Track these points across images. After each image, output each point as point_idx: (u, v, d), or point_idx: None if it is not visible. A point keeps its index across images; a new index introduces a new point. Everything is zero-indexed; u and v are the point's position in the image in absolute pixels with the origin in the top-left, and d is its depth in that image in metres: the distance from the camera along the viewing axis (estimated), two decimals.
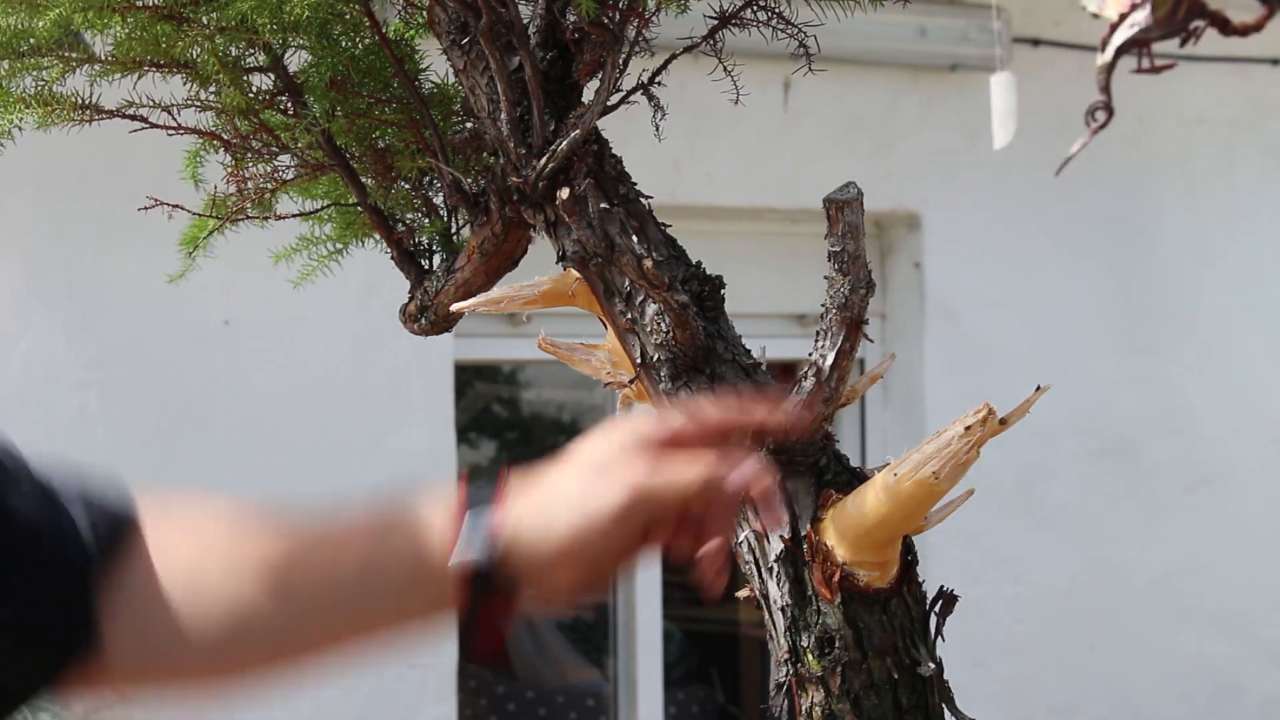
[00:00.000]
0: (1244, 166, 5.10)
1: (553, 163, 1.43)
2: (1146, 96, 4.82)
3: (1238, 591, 5.00)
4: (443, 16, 1.47)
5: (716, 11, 1.47)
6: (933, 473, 1.31)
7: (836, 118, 4.62)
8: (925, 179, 4.71)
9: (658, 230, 1.46)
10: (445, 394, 4.23)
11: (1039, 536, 4.80)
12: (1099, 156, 4.85)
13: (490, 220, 1.53)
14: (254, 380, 4.03)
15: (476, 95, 1.48)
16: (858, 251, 1.34)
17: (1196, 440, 4.99)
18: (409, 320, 1.68)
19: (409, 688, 4.13)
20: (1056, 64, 4.63)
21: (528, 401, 6.43)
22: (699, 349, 1.42)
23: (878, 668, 1.38)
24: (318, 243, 1.70)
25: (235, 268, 3.21)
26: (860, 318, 1.36)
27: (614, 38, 1.42)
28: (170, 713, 1.18)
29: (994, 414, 1.31)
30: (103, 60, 1.51)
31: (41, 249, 3.88)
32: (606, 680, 5.02)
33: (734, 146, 4.49)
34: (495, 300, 1.52)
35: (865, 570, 1.37)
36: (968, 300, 4.78)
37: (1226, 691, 5.00)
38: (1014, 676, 4.75)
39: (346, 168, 1.60)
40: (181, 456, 3.96)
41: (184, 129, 1.59)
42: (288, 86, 1.58)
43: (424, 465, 4.16)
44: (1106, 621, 4.87)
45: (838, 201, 1.33)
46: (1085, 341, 4.89)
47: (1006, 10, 4.62)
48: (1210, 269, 5.03)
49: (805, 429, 1.31)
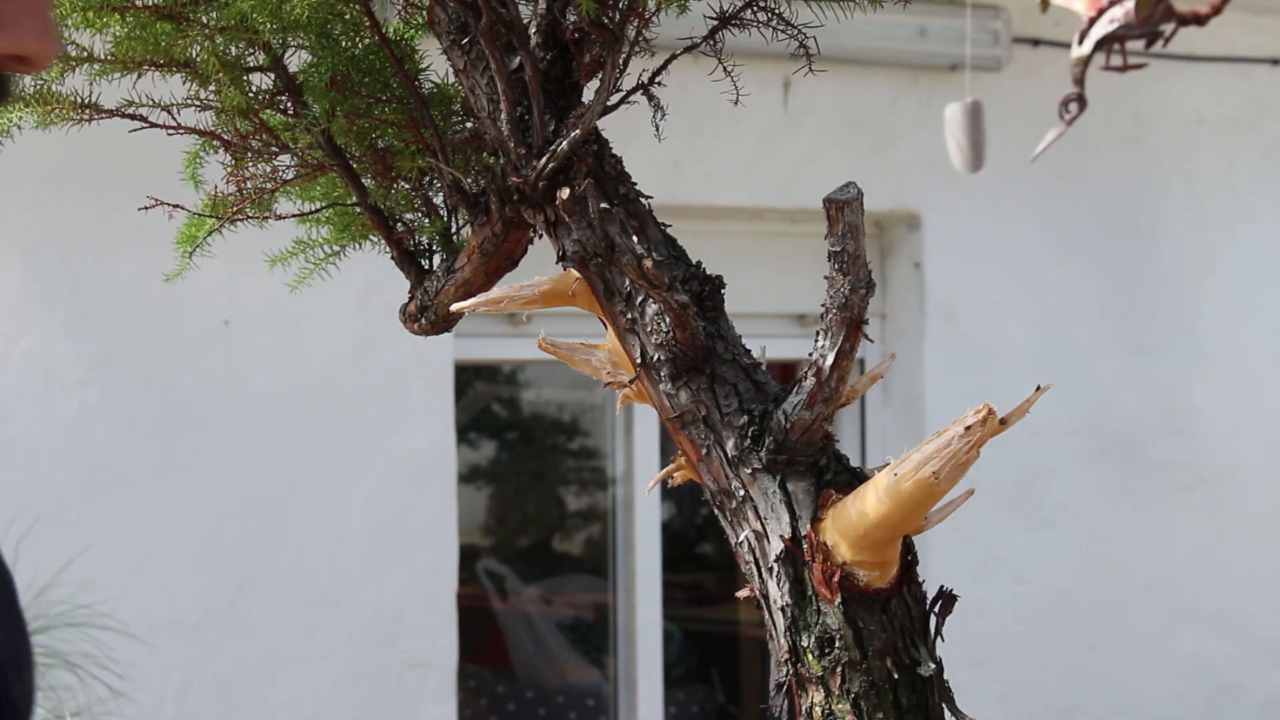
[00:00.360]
0: (1244, 166, 5.10)
1: (553, 163, 1.43)
2: (1146, 96, 4.82)
3: (1238, 591, 5.00)
4: (443, 16, 1.47)
5: (716, 12, 1.47)
6: (933, 473, 1.31)
7: (836, 118, 4.62)
8: (925, 179, 4.71)
9: (658, 230, 1.46)
10: (445, 394, 4.23)
11: (1039, 536, 4.81)
12: (1099, 156, 4.86)
13: (490, 220, 1.53)
14: (254, 380, 4.03)
15: (476, 95, 1.48)
16: (858, 251, 1.34)
17: (1196, 440, 4.99)
18: (409, 320, 1.68)
19: (409, 688, 4.13)
20: (1056, 64, 4.63)
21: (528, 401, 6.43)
22: (699, 349, 1.42)
23: (878, 668, 1.38)
24: (314, 246, 1.70)
25: (235, 268, 3.21)
26: (860, 318, 1.36)
27: (614, 38, 1.42)
28: None
29: (994, 414, 1.31)
30: (102, 59, 1.51)
31: (41, 249, 3.88)
32: (606, 680, 5.02)
33: (734, 146, 4.49)
34: (495, 300, 1.52)
35: (865, 570, 1.37)
36: (968, 300, 4.78)
37: (1226, 691, 5.00)
38: (1014, 676, 4.75)
39: (346, 168, 1.60)
40: (181, 456, 3.96)
41: (184, 128, 1.59)
42: (288, 86, 1.58)
43: (424, 465, 4.16)
44: (1106, 621, 4.88)
45: (838, 201, 1.33)
46: (1085, 341, 4.89)
47: (1006, 10, 4.62)
48: (1210, 269, 5.03)
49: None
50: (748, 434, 1.41)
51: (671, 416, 1.44)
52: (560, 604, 5.67)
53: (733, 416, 1.42)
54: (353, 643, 4.09)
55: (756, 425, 1.41)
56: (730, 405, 1.42)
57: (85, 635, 3.47)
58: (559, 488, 6.32)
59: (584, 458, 6.25)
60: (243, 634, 3.98)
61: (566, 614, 5.63)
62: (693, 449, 1.44)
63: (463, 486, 4.53)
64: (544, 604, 5.68)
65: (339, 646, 4.08)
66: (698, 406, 1.43)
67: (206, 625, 3.95)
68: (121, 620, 3.57)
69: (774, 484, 1.40)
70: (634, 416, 4.64)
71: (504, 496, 6.23)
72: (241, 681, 3.98)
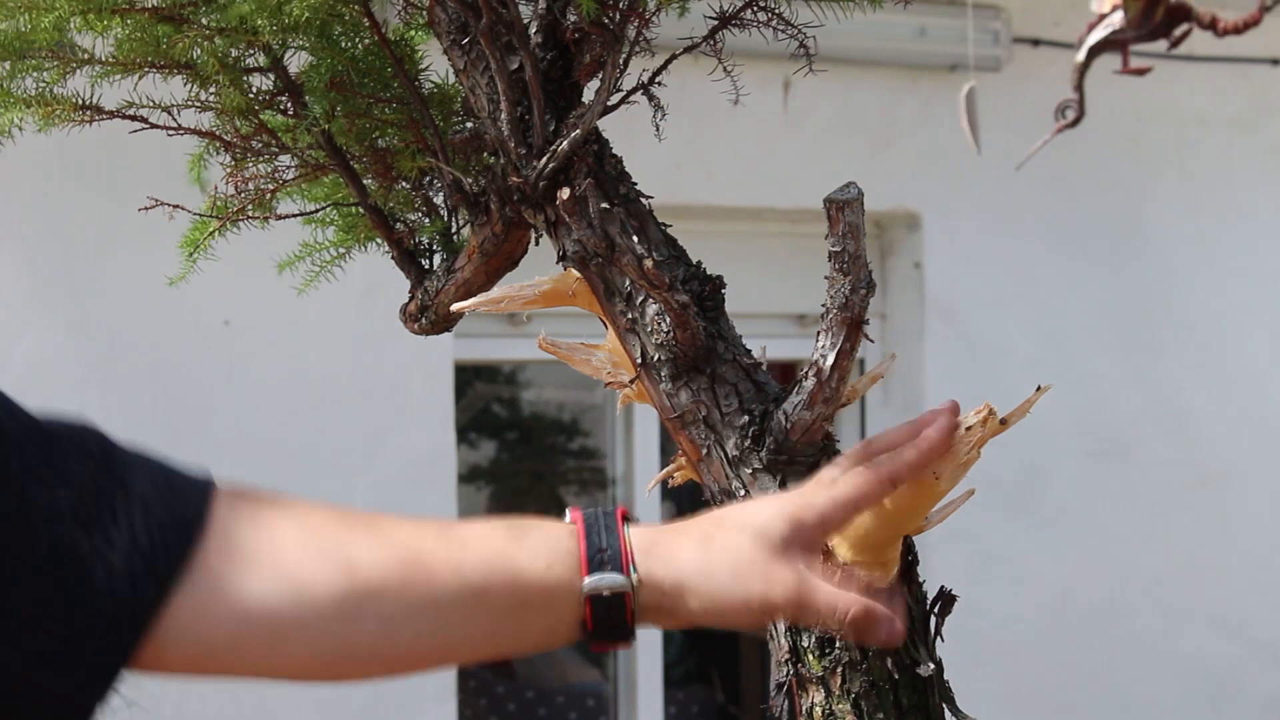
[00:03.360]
0: (1244, 166, 5.10)
1: (553, 163, 1.43)
2: (1146, 96, 4.82)
3: (1238, 591, 5.00)
4: (443, 16, 1.47)
5: (716, 12, 1.47)
6: (933, 473, 1.31)
7: (836, 118, 4.62)
8: (925, 179, 4.72)
9: (658, 230, 1.46)
10: (445, 394, 4.23)
11: (1039, 536, 4.81)
12: (1099, 156, 4.86)
13: (490, 220, 1.53)
14: (254, 380, 4.03)
15: (477, 95, 1.48)
16: (858, 251, 1.34)
17: (1196, 440, 4.99)
18: (409, 320, 1.68)
19: (409, 688, 4.13)
20: (1056, 64, 4.62)
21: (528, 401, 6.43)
22: (699, 349, 1.42)
23: (878, 668, 1.38)
24: (320, 248, 1.70)
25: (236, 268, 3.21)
26: (861, 318, 1.36)
27: (614, 38, 1.42)
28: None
29: (994, 414, 1.31)
30: (103, 61, 1.51)
31: (41, 249, 3.88)
32: (606, 680, 5.03)
33: (734, 146, 4.49)
34: (495, 300, 1.52)
35: (866, 570, 1.37)
36: (968, 300, 4.78)
37: (1226, 691, 5.00)
38: (1014, 676, 4.75)
39: (347, 168, 1.60)
40: (181, 456, 3.96)
41: (184, 129, 1.59)
42: (288, 87, 1.58)
43: (424, 465, 4.16)
44: (1106, 621, 4.88)
45: (838, 201, 1.33)
46: (1085, 341, 4.89)
47: (1006, 10, 4.62)
48: (1210, 269, 5.03)
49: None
50: (748, 434, 1.41)
51: (672, 416, 1.44)
52: None
53: (733, 417, 1.42)
54: None
55: (757, 425, 1.41)
56: (731, 405, 1.42)
57: None
58: (559, 488, 6.32)
59: (584, 458, 6.25)
60: None
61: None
62: (693, 449, 1.44)
63: (463, 486, 4.53)
64: None
65: None
66: (698, 406, 1.43)
67: None
68: None
69: (774, 484, 1.40)
70: (634, 416, 4.64)
71: (504, 496, 6.23)
72: (241, 681, 3.98)
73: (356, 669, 1.04)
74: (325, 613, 1.00)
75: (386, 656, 1.02)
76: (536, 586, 1.04)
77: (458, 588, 1.02)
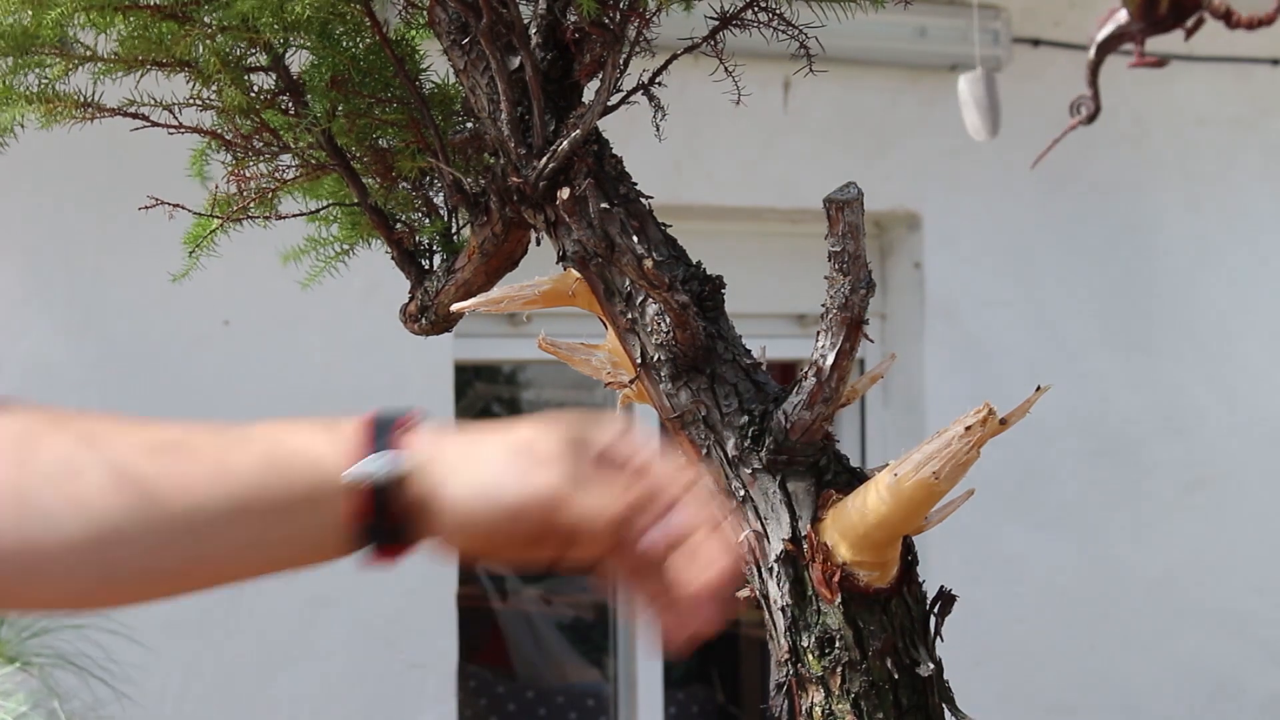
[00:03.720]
0: (1244, 166, 5.10)
1: (553, 163, 1.43)
2: (1146, 96, 4.82)
3: (1238, 591, 5.00)
4: (443, 16, 1.47)
5: (717, 12, 1.47)
6: (933, 473, 1.31)
7: (836, 118, 4.62)
8: (925, 179, 4.71)
9: (658, 230, 1.47)
10: (445, 394, 4.23)
11: (1039, 536, 4.81)
12: (1099, 156, 4.86)
13: (490, 220, 1.54)
14: (254, 380, 4.03)
15: (477, 95, 1.48)
16: (858, 251, 1.34)
17: (1196, 440, 4.99)
18: (409, 320, 1.68)
19: (409, 688, 4.13)
20: (1056, 64, 4.63)
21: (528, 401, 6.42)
22: (699, 349, 1.42)
23: (878, 668, 1.38)
24: (325, 244, 1.70)
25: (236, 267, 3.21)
26: (860, 318, 1.36)
27: (614, 38, 1.42)
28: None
29: (994, 414, 1.31)
30: (105, 59, 1.51)
31: (41, 249, 3.88)
32: (606, 680, 5.02)
33: (734, 146, 4.49)
34: (495, 300, 1.52)
35: (865, 570, 1.37)
36: (968, 300, 4.78)
37: (1226, 691, 5.00)
38: (1014, 676, 4.75)
39: (347, 168, 1.60)
40: None
41: (185, 128, 1.59)
42: (289, 86, 1.58)
43: None
44: (1106, 621, 4.88)
45: (838, 201, 1.33)
46: (1085, 341, 4.89)
47: (1006, 10, 4.62)
48: (1210, 269, 5.03)
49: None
50: (748, 434, 1.41)
51: (671, 416, 1.44)
52: (560, 604, 5.67)
53: (733, 416, 1.42)
54: (353, 643, 4.09)
55: (756, 425, 1.41)
56: (730, 405, 1.42)
57: (86, 636, 3.47)
58: None
59: None
60: (243, 634, 3.98)
61: (566, 614, 5.63)
62: (693, 449, 1.44)
63: None
64: (544, 604, 5.68)
65: (339, 646, 4.08)
66: (698, 406, 1.43)
67: (206, 625, 3.94)
68: (122, 621, 3.57)
69: (774, 484, 1.40)
70: (634, 417, 4.64)
71: None
72: (241, 681, 3.98)
73: (117, 597, 0.95)
74: (81, 541, 0.89)
75: (151, 580, 0.93)
76: (303, 481, 0.93)
77: (223, 495, 0.92)
